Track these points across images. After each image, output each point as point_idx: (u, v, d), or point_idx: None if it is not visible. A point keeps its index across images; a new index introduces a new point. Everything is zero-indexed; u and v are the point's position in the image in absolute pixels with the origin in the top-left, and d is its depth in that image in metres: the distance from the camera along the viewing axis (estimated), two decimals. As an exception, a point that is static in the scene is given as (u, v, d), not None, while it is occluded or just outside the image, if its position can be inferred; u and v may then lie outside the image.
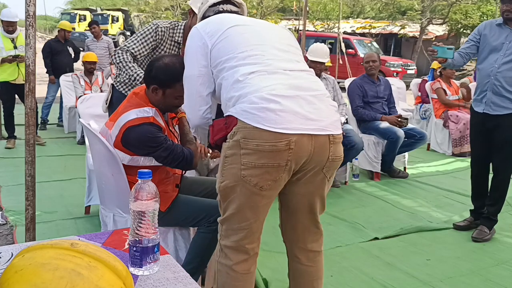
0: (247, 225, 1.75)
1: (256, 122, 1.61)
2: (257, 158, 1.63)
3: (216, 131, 1.74)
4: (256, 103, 1.63)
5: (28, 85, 2.53)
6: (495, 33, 3.30)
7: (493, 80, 3.25)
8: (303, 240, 1.92)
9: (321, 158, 1.72)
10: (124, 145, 2.14)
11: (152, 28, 2.89)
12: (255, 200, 1.71)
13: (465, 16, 19.94)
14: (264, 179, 1.66)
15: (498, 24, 3.32)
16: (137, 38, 2.89)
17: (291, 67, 1.78)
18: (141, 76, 2.73)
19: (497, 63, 3.25)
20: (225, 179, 1.71)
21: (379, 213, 3.98)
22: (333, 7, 23.73)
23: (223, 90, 1.78)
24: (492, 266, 3.01)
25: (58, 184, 4.37)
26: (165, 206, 2.19)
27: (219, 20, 1.92)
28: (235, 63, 1.75)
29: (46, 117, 7.08)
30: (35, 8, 2.50)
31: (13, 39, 5.73)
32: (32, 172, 2.59)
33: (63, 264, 0.92)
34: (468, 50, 3.42)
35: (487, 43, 3.33)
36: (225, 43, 1.80)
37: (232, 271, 1.78)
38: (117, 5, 38.01)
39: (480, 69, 3.38)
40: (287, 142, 1.61)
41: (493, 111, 3.29)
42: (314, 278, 1.96)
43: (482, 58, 3.38)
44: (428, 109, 7.08)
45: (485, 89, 3.31)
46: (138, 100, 2.20)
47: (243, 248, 1.78)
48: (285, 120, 1.62)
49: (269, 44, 1.83)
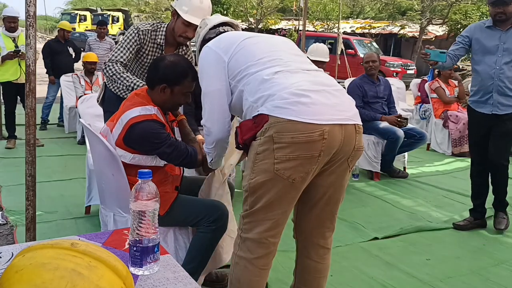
0: (274, 215, 1.80)
1: (290, 115, 1.68)
2: (291, 151, 1.69)
3: (244, 131, 1.79)
4: (287, 98, 1.70)
5: (28, 85, 2.53)
6: (486, 36, 3.39)
7: (497, 81, 3.33)
8: (317, 235, 1.98)
9: (349, 147, 1.80)
10: (127, 143, 2.14)
11: (133, 32, 2.84)
12: (285, 193, 1.77)
13: (465, 16, 19.93)
14: (297, 171, 1.72)
15: (488, 26, 3.41)
16: (122, 45, 2.84)
17: (307, 67, 1.90)
18: (138, 85, 2.67)
19: (498, 65, 3.32)
20: (256, 175, 1.76)
21: (379, 213, 3.98)
22: (333, 7, 23.72)
23: (247, 95, 1.83)
24: (492, 266, 3.02)
25: (59, 184, 4.37)
26: (163, 209, 2.19)
27: (230, 36, 2.03)
28: (257, 69, 1.83)
29: (46, 117, 7.08)
30: (36, 8, 2.50)
31: (14, 38, 5.67)
32: (33, 172, 2.59)
33: (63, 264, 0.92)
34: (457, 52, 3.51)
35: (480, 46, 3.41)
36: (243, 53, 1.90)
37: (251, 264, 1.83)
38: (117, 6, 38.05)
39: (479, 71, 3.43)
40: (321, 132, 1.68)
41: (501, 111, 3.36)
42: (321, 275, 2.01)
43: (477, 60, 3.44)
44: (427, 109, 7.08)
45: (490, 90, 3.37)
46: (140, 100, 2.20)
47: (266, 241, 1.82)
48: (317, 111, 1.70)
49: (283, 50, 1.96)
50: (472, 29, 3.52)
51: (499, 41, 3.34)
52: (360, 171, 5.00)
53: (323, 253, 2.00)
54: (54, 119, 7.34)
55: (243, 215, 1.86)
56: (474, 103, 3.50)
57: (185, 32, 2.77)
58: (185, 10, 2.70)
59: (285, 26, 26.14)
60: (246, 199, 1.83)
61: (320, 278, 2.02)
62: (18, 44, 5.61)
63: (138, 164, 2.14)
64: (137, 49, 2.85)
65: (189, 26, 2.74)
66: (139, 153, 2.16)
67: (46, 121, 7.10)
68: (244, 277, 1.84)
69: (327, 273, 2.04)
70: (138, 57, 2.91)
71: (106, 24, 8.01)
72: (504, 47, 3.32)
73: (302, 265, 2.03)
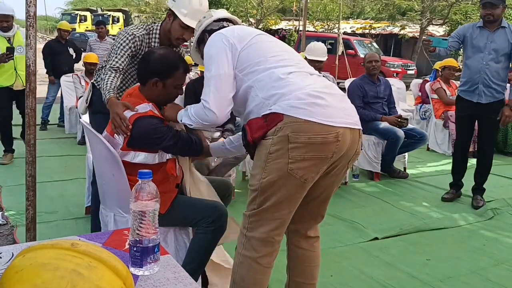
0: (281, 215, 1.82)
1: (307, 116, 1.70)
2: (307, 151, 1.71)
3: (255, 129, 1.78)
4: (304, 99, 1.72)
5: (28, 85, 2.53)
6: (477, 35, 3.93)
7: (483, 75, 3.91)
8: (308, 228, 2.03)
9: (352, 151, 1.84)
10: (129, 144, 2.13)
11: (128, 38, 2.69)
12: (295, 192, 1.79)
13: (465, 17, 19.91)
14: (310, 171, 1.75)
15: (479, 26, 3.94)
16: (117, 52, 2.66)
17: (314, 72, 1.92)
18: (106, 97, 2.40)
19: (484, 61, 3.90)
20: (268, 174, 1.77)
21: (379, 213, 3.99)
22: (333, 7, 23.70)
23: (257, 91, 1.82)
24: (492, 266, 3.02)
25: (59, 184, 4.37)
26: (164, 208, 2.19)
27: (244, 28, 2.05)
28: (269, 65, 1.84)
29: (46, 117, 7.09)
30: (36, 9, 2.51)
31: (9, 38, 4.95)
32: (33, 172, 2.59)
33: (63, 264, 0.92)
34: (452, 44, 4.03)
35: (470, 43, 3.97)
36: (255, 48, 1.91)
37: (256, 263, 1.84)
38: (117, 6, 38.03)
39: (469, 65, 4.00)
40: (336, 134, 1.72)
41: (485, 101, 3.97)
42: (313, 264, 2.05)
43: (468, 56, 4.03)
44: (428, 110, 7.08)
45: (476, 82, 3.95)
46: (134, 99, 2.21)
47: (271, 239, 1.84)
48: (332, 114, 1.74)
49: (292, 52, 1.99)
50: (466, 28, 4.08)
51: (487, 40, 3.87)
52: (360, 171, 5.00)
53: (313, 241, 2.05)
54: (54, 119, 7.34)
55: (249, 214, 1.86)
56: (463, 92, 4.09)
57: (182, 35, 2.69)
58: (184, 13, 2.61)
59: (285, 26, 26.14)
60: (254, 198, 1.83)
61: (313, 268, 2.04)
62: (14, 45, 4.94)
63: (145, 163, 2.14)
64: (132, 55, 2.73)
65: (187, 29, 2.65)
66: (144, 151, 2.16)
67: (46, 121, 7.10)
68: (249, 276, 1.85)
69: (319, 262, 2.07)
70: (134, 62, 2.79)
71: (104, 24, 7.99)
72: (491, 46, 3.86)
73: (294, 256, 2.06)
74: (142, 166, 2.10)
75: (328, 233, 3.41)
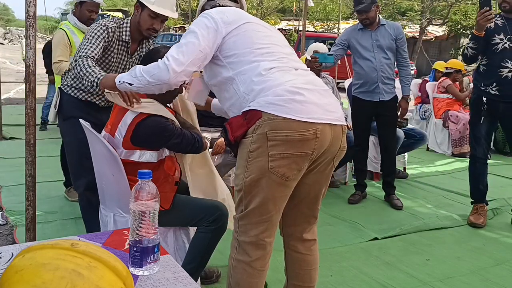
0: (269, 217, 1.80)
1: (285, 113, 1.67)
2: (285, 149, 1.69)
3: (235, 127, 1.75)
4: (282, 95, 1.70)
5: (28, 85, 2.53)
6: (361, 36, 4.01)
7: (380, 72, 3.99)
8: (302, 230, 1.99)
9: (335, 148, 1.82)
10: (135, 143, 2.13)
11: (101, 28, 2.66)
12: (279, 191, 1.77)
13: (465, 17, 19.94)
14: (291, 169, 1.73)
15: (360, 28, 4.04)
16: (90, 41, 2.59)
17: (299, 66, 1.89)
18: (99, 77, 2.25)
19: (377, 59, 3.97)
20: (251, 173, 1.74)
21: (379, 213, 3.99)
22: (333, 7, 23.74)
23: (239, 84, 1.79)
24: (491, 266, 3.02)
25: (59, 184, 4.36)
26: (167, 204, 2.19)
27: (235, 12, 1.95)
28: (254, 58, 1.80)
29: (46, 117, 7.07)
30: (36, 9, 2.50)
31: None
32: (33, 172, 2.59)
33: (63, 264, 0.92)
34: (337, 52, 4.12)
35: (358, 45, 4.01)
36: (242, 37, 1.85)
37: (250, 267, 1.82)
38: (117, 6, 38.00)
39: (362, 66, 4.03)
40: (315, 131, 1.70)
41: (387, 97, 4.05)
42: (312, 268, 2.01)
43: (358, 58, 4.05)
44: (427, 110, 7.08)
45: (375, 81, 4.00)
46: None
47: (262, 242, 1.82)
48: (310, 110, 1.70)
49: (280, 44, 1.92)
50: (348, 32, 4.16)
51: (371, 39, 3.99)
52: (360, 171, 4.99)
53: (310, 245, 2.01)
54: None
55: (238, 217, 1.84)
56: (362, 94, 4.11)
57: (152, 25, 2.65)
58: (151, 1, 2.59)
59: (285, 26, 26.16)
60: (241, 200, 1.81)
61: (311, 271, 2.02)
62: None
63: (147, 162, 2.15)
64: (104, 47, 2.68)
65: (156, 18, 2.63)
66: (148, 149, 2.16)
67: (46, 121, 7.09)
68: (243, 280, 1.83)
69: (317, 265, 2.04)
70: (104, 56, 2.74)
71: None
72: (376, 44, 3.97)
73: (292, 260, 2.03)
74: (143, 165, 2.11)
75: (328, 233, 3.42)
